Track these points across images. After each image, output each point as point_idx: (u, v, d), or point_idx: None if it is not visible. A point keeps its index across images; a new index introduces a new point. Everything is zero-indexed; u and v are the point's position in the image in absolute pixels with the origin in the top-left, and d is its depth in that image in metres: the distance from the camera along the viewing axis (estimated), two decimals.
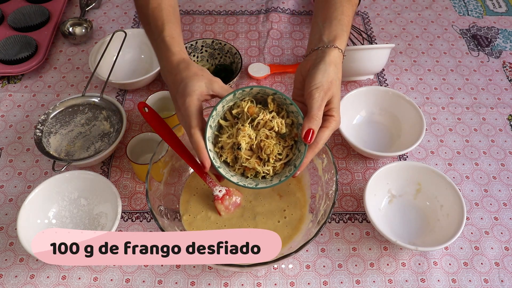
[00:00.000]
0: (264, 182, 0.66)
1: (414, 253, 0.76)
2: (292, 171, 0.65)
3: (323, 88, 0.66)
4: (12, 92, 0.98)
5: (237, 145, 0.65)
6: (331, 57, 0.69)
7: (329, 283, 0.73)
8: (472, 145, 0.91)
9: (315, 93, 0.65)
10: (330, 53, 0.69)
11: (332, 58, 0.69)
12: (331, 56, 0.69)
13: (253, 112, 0.65)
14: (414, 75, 1.03)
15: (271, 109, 0.66)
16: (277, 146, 0.66)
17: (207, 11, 1.16)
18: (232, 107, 0.66)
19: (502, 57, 1.07)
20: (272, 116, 0.65)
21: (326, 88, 0.66)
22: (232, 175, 0.66)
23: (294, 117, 0.66)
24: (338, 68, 0.69)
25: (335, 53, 0.69)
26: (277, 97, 0.65)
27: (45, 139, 0.83)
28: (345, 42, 0.73)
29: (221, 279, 0.73)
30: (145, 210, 0.81)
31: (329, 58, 0.69)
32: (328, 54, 0.69)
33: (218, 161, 0.66)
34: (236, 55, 0.97)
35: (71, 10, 1.16)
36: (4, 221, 0.79)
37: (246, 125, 0.64)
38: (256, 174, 0.67)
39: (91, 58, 0.96)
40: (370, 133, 0.91)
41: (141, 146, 0.83)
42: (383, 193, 0.80)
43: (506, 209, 0.82)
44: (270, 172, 0.66)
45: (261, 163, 0.66)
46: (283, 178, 0.65)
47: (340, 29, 0.72)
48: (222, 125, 0.67)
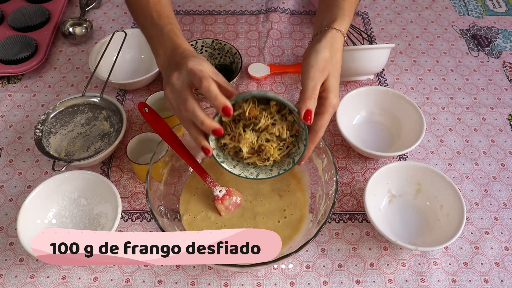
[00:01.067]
0: (264, 173, 0.66)
1: (414, 253, 0.76)
2: (291, 165, 0.64)
3: (318, 67, 0.64)
4: (12, 92, 0.98)
5: (238, 148, 0.65)
6: (327, 37, 0.68)
7: (329, 283, 0.73)
8: (472, 145, 0.91)
9: (309, 72, 0.64)
10: (326, 34, 0.68)
11: (329, 38, 0.67)
12: (327, 37, 0.68)
13: (255, 114, 0.64)
14: (414, 75, 1.03)
15: (273, 114, 0.65)
16: (277, 149, 0.66)
17: (207, 11, 1.16)
18: (233, 106, 0.66)
19: (502, 57, 1.07)
20: (274, 121, 0.65)
21: (322, 67, 0.65)
22: (234, 166, 0.67)
23: (296, 117, 0.66)
24: (334, 48, 0.67)
25: (332, 33, 0.68)
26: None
27: (45, 139, 0.83)
28: (346, 24, 0.70)
29: (221, 279, 0.73)
30: (145, 210, 0.81)
31: (325, 39, 0.67)
32: (324, 35, 0.68)
33: (221, 156, 0.66)
34: (236, 55, 0.97)
35: (71, 10, 1.16)
36: (4, 221, 0.79)
37: (248, 132, 0.64)
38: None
39: (91, 58, 0.96)
40: (370, 133, 0.91)
41: (141, 146, 0.83)
42: (383, 193, 0.80)
43: (506, 209, 0.82)
44: (271, 162, 0.67)
45: (261, 159, 0.66)
46: (281, 171, 0.65)
47: (341, 13, 0.71)
48: (224, 121, 0.66)
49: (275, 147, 0.65)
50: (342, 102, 0.88)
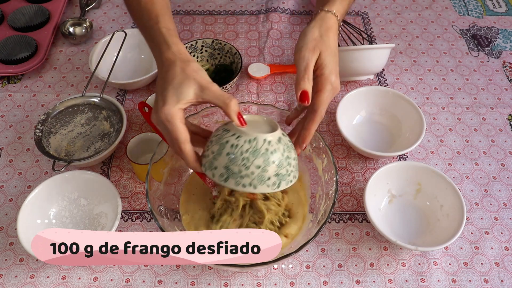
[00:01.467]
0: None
1: (414, 253, 0.76)
2: (290, 183, 0.64)
3: (307, 47, 0.64)
4: (12, 92, 0.98)
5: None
6: (316, 19, 0.67)
7: (329, 283, 0.73)
8: (472, 145, 0.91)
9: (300, 53, 0.63)
10: (316, 16, 0.68)
11: (317, 19, 0.67)
12: (316, 19, 0.67)
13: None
14: (414, 75, 1.03)
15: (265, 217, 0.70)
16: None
17: (207, 11, 1.16)
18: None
19: (502, 57, 1.07)
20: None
21: (311, 46, 0.64)
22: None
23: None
24: (324, 27, 0.66)
25: (321, 15, 0.68)
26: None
27: (45, 139, 0.83)
28: (338, 6, 0.69)
29: (221, 279, 0.73)
30: (145, 210, 0.81)
31: (314, 21, 0.67)
32: (314, 18, 0.68)
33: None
34: (236, 55, 0.97)
35: (71, 10, 1.16)
36: (4, 221, 0.79)
37: (236, 220, 0.71)
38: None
39: (91, 58, 0.96)
40: (370, 133, 0.91)
41: (141, 146, 0.83)
42: (383, 193, 0.80)
43: (506, 209, 0.82)
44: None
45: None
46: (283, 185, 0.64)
47: None
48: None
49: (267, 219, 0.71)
50: (342, 102, 0.88)
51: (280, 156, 0.61)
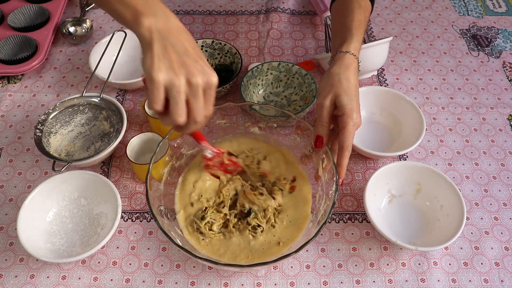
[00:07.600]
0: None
1: (414, 253, 0.76)
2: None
3: (324, 93, 0.70)
4: (12, 92, 0.98)
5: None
6: (335, 60, 0.73)
7: (329, 283, 0.73)
8: (472, 145, 0.91)
9: (318, 99, 0.70)
10: (334, 58, 0.73)
11: (337, 60, 0.72)
12: (335, 60, 0.73)
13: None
14: (414, 75, 1.03)
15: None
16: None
17: (207, 11, 1.16)
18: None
19: (502, 57, 1.07)
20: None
21: (327, 92, 0.69)
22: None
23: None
24: (342, 68, 0.71)
25: (339, 56, 0.72)
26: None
27: (45, 139, 0.83)
28: (353, 44, 0.74)
29: (221, 279, 0.73)
30: (145, 210, 0.81)
31: (333, 62, 0.73)
32: (333, 60, 0.74)
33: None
34: (236, 55, 0.97)
35: (71, 10, 1.16)
36: (4, 221, 0.79)
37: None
38: None
39: (91, 58, 0.96)
40: (370, 133, 0.91)
41: (141, 146, 0.83)
42: (383, 193, 0.80)
43: (506, 209, 0.82)
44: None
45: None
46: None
47: (349, 34, 0.75)
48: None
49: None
50: None
51: None
